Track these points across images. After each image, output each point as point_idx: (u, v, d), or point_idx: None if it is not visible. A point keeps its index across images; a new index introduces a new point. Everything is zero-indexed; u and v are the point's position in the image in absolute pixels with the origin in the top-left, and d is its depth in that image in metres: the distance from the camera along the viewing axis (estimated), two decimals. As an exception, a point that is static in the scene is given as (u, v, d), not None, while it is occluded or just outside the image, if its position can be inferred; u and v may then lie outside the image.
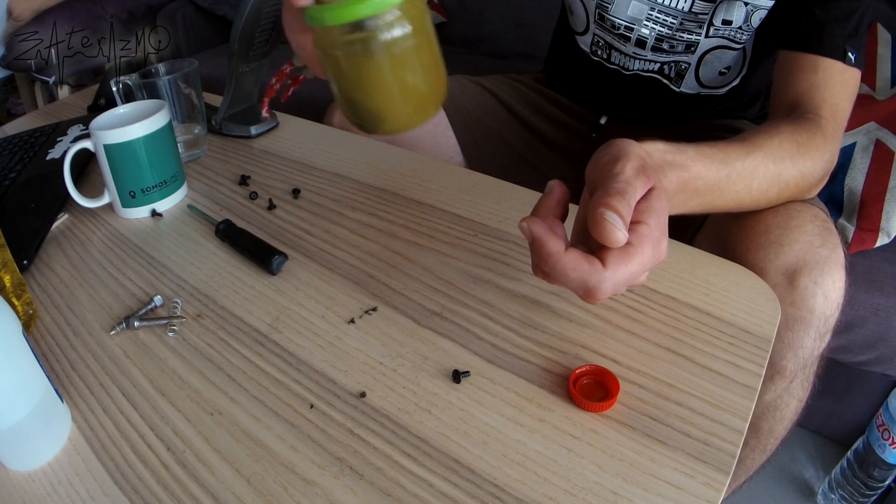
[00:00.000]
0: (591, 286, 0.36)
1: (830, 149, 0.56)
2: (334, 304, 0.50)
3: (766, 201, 0.55)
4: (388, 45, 0.37)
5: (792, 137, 0.54)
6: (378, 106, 0.40)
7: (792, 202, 0.57)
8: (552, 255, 0.36)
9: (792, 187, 0.55)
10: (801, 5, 0.60)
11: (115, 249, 0.59)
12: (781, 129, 0.54)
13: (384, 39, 0.37)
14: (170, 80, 0.70)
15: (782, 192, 0.54)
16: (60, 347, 0.48)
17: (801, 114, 0.57)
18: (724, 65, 0.74)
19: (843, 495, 0.96)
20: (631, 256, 0.36)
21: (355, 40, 0.37)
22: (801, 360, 0.55)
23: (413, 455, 0.37)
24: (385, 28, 0.36)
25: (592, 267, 0.36)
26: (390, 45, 0.37)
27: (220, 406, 0.41)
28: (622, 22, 0.74)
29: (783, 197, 0.55)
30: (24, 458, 0.38)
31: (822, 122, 0.56)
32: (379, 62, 0.37)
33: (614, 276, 0.36)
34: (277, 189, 0.67)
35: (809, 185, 0.57)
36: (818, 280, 0.52)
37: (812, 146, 0.55)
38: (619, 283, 0.37)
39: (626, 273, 0.36)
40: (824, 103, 0.57)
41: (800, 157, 0.54)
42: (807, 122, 0.56)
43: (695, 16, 0.69)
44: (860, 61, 0.59)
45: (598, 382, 0.41)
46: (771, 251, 0.53)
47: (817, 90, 0.58)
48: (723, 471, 0.35)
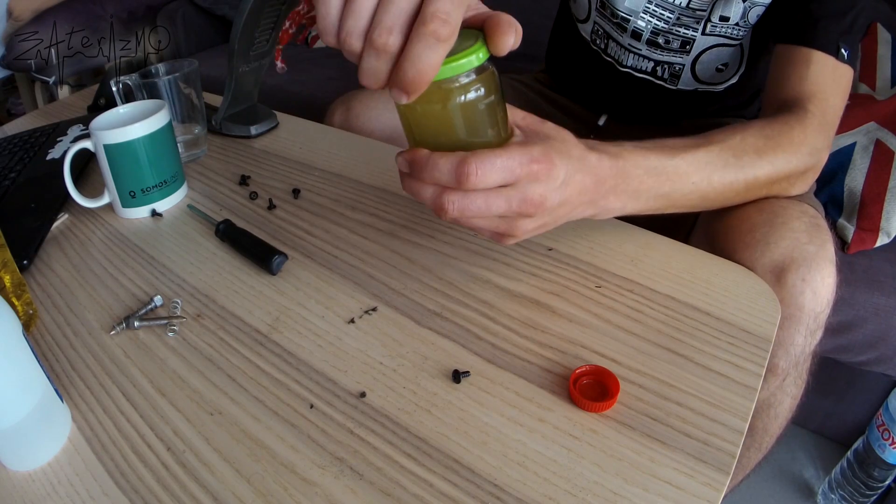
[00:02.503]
0: (461, 171, 0.38)
1: (811, 142, 0.56)
2: (334, 304, 0.50)
3: (735, 195, 0.55)
4: (479, 98, 0.38)
5: (759, 132, 0.54)
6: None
7: (778, 199, 0.56)
8: (420, 158, 0.39)
9: (763, 180, 0.54)
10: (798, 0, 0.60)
11: (115, 249, 0.59)
12: (748, 125, 0.55)
13: (478, 93, 0.38)
14: (170, 80, 0.70)
15: (752, 185, 0.54)
16: (60, 347, 0.48)
17: (787, 107, 0.57)
18: (721, 61, 0.74)
19: (843, 495, 0.96)
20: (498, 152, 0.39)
21: (458, 91, 0.37)
22: (792, 357, 0.55)
23: (413, 455, 0.37)
24: (476, 84, 0.38)
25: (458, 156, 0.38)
26: (480, 98, 0.38)
27: (220, 406, 0.41)
28: (620, 11, 0.74)
29: (757, 191, 0.55)
30: (24, 458, 0.38)
31: (807, 115, 0.56)
32: (476, 112, 0.39)
33: (484, 163, 0.38)
34: (277, 189, 0.67)
35: (787, 177, 0.56)
36: (806, 277, 0.52)
37: (785, 139, 0.54)
38: (488, 175, 0.38)
39: (496, 163, 0.38)
40: (813, 97, 0.57)
41: (768, 150, 0.54)
42: (786, 115, 0.56)
43: (692, 11, 0.69)
44: (853, 59, 0.59)
45: (598, 382, 0.41)
46: (757, 249, 0.53)
47: (806, 83, 0.58)
48: (723, 471, 0.35)
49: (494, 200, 0.40)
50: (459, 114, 0.38)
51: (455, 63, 0.35)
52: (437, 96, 0.37)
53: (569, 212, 0.46)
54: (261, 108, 0.82)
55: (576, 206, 0.45)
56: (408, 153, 0.41)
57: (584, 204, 0.46)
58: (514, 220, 0.43)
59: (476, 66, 0.36)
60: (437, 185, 0.40)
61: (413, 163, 0.40)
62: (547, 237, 0.55)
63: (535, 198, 0.41)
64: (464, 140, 0.40)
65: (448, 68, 0.35)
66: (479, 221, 0.43)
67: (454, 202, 0.40)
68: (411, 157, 0.40)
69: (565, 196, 0.43)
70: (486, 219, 0.42)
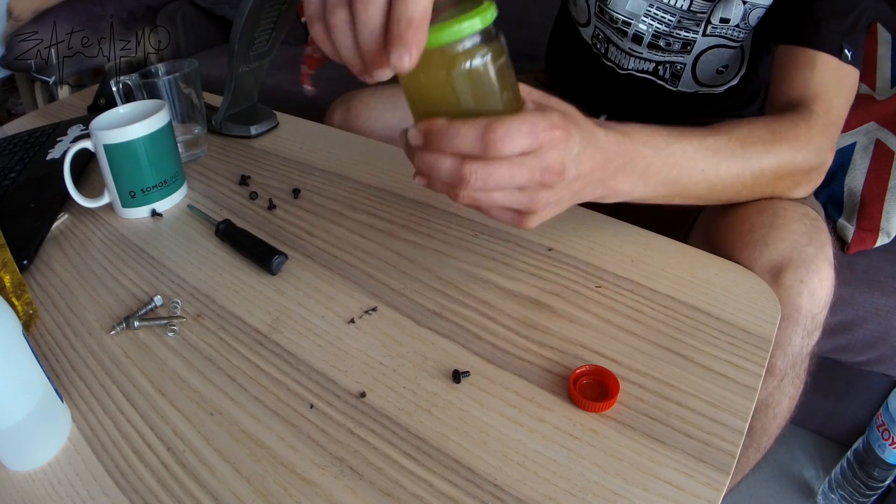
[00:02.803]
0: (488, 137, 0.36)
1: (817, 142, 0.56)
2: (334, 304, 0.50)
3: (742, 188, 0.54)
4: (487, 64, 0.37)
5: (767, 126, 0.54)
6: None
7: (780, 201, 0.56)
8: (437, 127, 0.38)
9: (769, 175, 0.54)
10: (800, 1, 0.60)
11: (115, 249, 0.59)
12: (756, 119, 0.55)
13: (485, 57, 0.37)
14: (170, 80, 0.70)
15: (758, 179, 0.54)
16: (60, 347, 0.48)
17: (792, 109, 0.57)
18: (721, 63, 0.74)
19: (843, 495, 0.96)
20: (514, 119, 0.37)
21: (462, 56, 0.36)
22: (790, 357, 0.55)
23: (413, 455, 0.37)
24: (480, 49, 0.36)
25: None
26: (489, 64, 0.37)
27: (220, 406, 0.41)
28: (620, 16, 0.74)
29: (762, 186, 0.55)
30: (24, 458, 0.38)
31: (812, 116, 0.56)
32: (483, 76, 0.37)
33: (511, 128, 0.36)
34: (277, 189, 0.67)
35: (792, 175, 0.56)
36: (804, 278, 0.52)
37: (792, 136, 0.54)
38: (515, 140, 0.37)
39: (522, 128, 0.37)
40: (817, 98, 0.57)
41: (775, 143, 0.54)
42: (792, 114, 0.56)
43: (693, 14, 0.69)
44: (857, 60, 0.59)
45: (598, 382, 0.41)
46: (756, 249, 0.53)
47: (811, 85, 0.58)
48: (723, 471, 0.35)
49: (518, 169, 0.38)
50: (467, 81, 0.37)
51: (457, 26, 0.34)
52: (440, 62, 0.36)
53: (582, 188, 0.44)
54: (261, 108, 0.82)
55: (586, 184, 0.44)
56: (423, 123, 0.39)
57: (594, 182, 0.45)
58: (534, 193, 0.40)
59: (479, 28, 0.35)
60: (457, 156, 0.38)
61: (430, 133, 0.38)
62: (547, 237, 0.55)
63: (556, 165, 0.39)
64: (474, 110, 0.38)
65: (449, 31, 0.34)
66: (498, 196, 0.40)
67: (476, 171, 0.38)
68: (428, 127, 0.38)
69: (579, 169, 0.42)
70: (506, 192, 0.40)
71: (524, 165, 0.38)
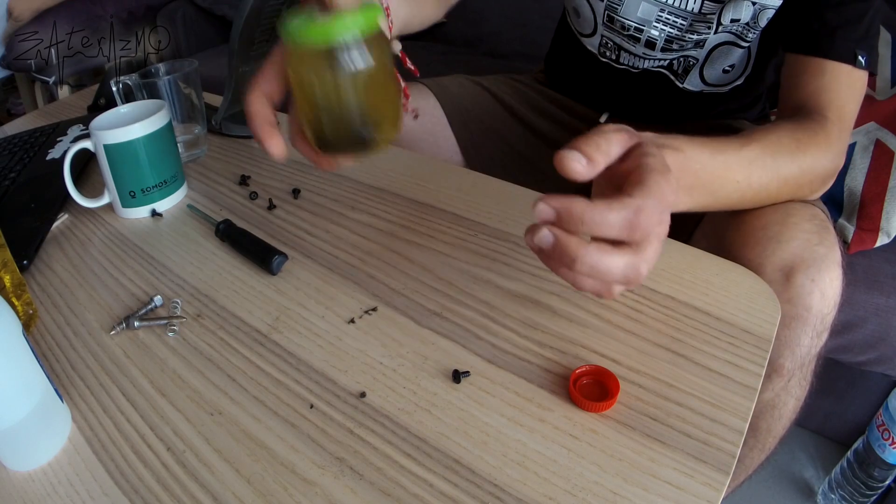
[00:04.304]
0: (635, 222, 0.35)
1: (835, 149, 0.56)
2: (334, 304, 0.50)
3: (766, 196, 0.54)
4: (362, 67, 0.39)
5: (791, 135, 0.54)
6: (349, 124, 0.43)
7: (791, 201, 0.57)
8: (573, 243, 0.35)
9: (791, 184, 0.54)
10: (812, 8, 0.59)
11: (115, 249, 0.59)
12: (781, 127, 0.54)
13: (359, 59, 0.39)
14: (170, 80, 0.70)
15: (781, 188, 0.54)
16: (60, 347, 0.48)
17: (806, 114, 0.57)
18: (728, 62, 0.74)
19: (843, 495, 0.96)
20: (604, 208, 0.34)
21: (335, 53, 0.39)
22: (798, 358, 0.55)
23: (413, 455, 0.37)
24: (356, 49, 0.39)
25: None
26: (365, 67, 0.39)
27: (220, 406, 0.41)
28: (632, 23, 0.74)
29: (783, 194, 0.55)
30: (24, 458, 0.38)
31: (828, 123, 0.56)
32: (353, 79, 0.40)
33: (592, 217, 0.34)
34: (277, 189, 0.67)
35: (811, 182, 0.56)
36: (815, 278, 0.52)
37: (813, 144, 0.54)
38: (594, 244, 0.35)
39: (602, 220, 0.34)
40: (831, 105, 0.57)
41: (799, 153, 0.54)
42: (810, 121, 0.56)
43: (703, 16, 0.69)
44: (872, 63, 0.58)
45: (598, 382, 0.41)
46: (768, 247, 0.53)
47: (824, 92, 0.58)
48: (723, 471, 0.35)
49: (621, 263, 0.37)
50: (339, 82, 0.39)
51: (330, 27, 0.37)
52: (309, 60, 0.39)
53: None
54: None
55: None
56: (556, 200, 0.35)
57: None
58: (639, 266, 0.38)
59: (353, 32, 0.37)
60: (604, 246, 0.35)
61: (567, 214, 0.35)
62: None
63: (654, 257, 0.38)
64: (352, 111, 0.41)
65: (323, 31, 0.37)
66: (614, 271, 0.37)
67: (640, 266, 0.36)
68: (564, 207, 0.35)
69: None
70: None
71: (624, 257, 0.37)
